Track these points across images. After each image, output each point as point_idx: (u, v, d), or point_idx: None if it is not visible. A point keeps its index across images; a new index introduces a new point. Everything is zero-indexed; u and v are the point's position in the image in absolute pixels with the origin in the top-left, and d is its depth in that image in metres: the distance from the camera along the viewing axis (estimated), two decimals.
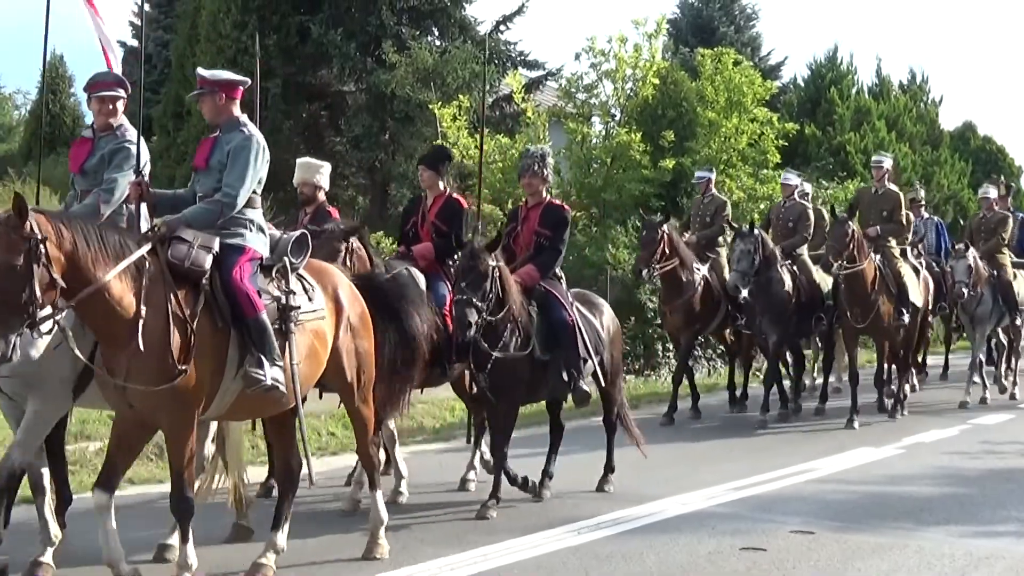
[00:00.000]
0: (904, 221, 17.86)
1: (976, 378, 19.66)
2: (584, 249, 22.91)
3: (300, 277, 8.85)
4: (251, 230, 8.61)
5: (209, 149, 8.77)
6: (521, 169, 12.14)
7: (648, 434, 13.23)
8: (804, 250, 17.72)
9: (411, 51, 27.26)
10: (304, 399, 8.93)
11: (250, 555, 8.95)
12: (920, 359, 21.07)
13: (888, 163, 18.15)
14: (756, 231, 16.56)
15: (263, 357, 8.17)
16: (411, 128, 28.47)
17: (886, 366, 17.85)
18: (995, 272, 19.40)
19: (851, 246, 16.12)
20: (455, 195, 12.49)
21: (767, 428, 16.49)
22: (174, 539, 8.97)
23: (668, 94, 25.74)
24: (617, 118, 26.47)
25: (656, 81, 25.65)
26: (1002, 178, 26.38)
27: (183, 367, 7.80)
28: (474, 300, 10.26)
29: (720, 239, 18.29)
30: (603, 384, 11.92)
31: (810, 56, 69.37)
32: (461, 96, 25.42)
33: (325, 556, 9.49)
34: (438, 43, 29.88)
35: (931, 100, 42.05)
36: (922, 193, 22.61)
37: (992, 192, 20.61)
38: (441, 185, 12.36)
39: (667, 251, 16.71)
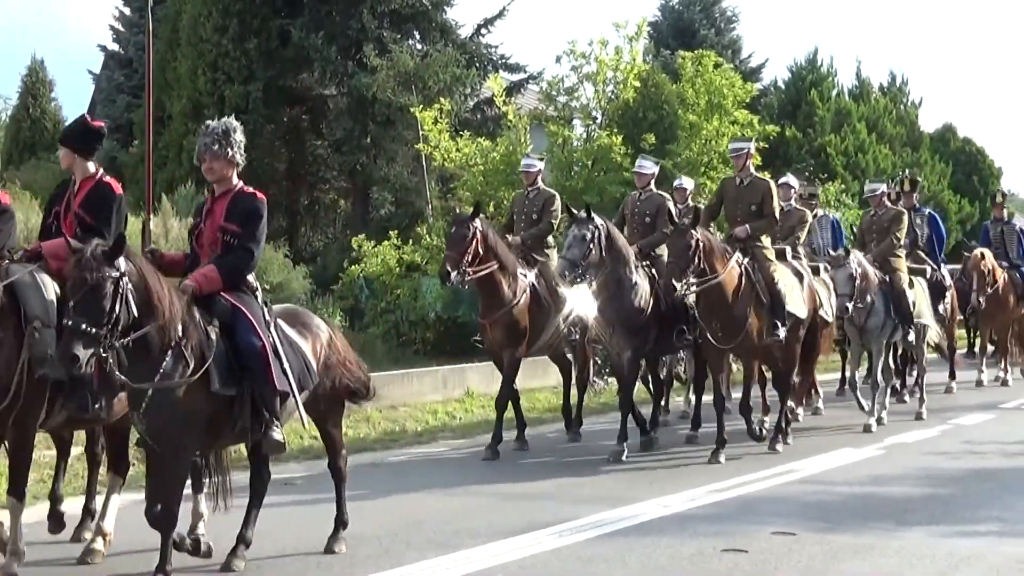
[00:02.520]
0: (776, 214, 14.76)
1: (878, 399, 16.76)
2: None
3: None
4: None
5: None
6: (198, 151, 9.35)
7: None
8: (664, 250, 14.48)
9: (392, 55, 27.29)
10: None
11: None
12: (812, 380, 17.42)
13: (750, 147, 15.31)
14: (598, 218, 14.00)
15: None
16: (392, 131, 28.53)
17: (783, 386, 15.23)
18: (887, 278, 16.89)
19: (697, 259, 13.31)
20: (106, 179, 9.93)
21: (623, 462, 13.83)
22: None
23: (649, 97, 25.78)
24: (598, 121, 26.51)
25: (637, 84, 25.70)
26: (906, 172, 25.44)
27: None
28: (83, 327, 7.78)
29: (550, 239, 15.91)
30: (307, 422, 9.68)
31: (790, 58, 69.47)
32: (442, 99, 25.44)
33: (307, 559, 9.49)
34: (419, 47, 29.93)
35: (911, 102, 42.16)
36: (819, 188, 21.39)
37: (880, 187, 18.46)
38: (91, 167, 9.83)
39: (481, 252, 14.24)
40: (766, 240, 14.65)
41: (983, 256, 21.11)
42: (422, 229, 24.68)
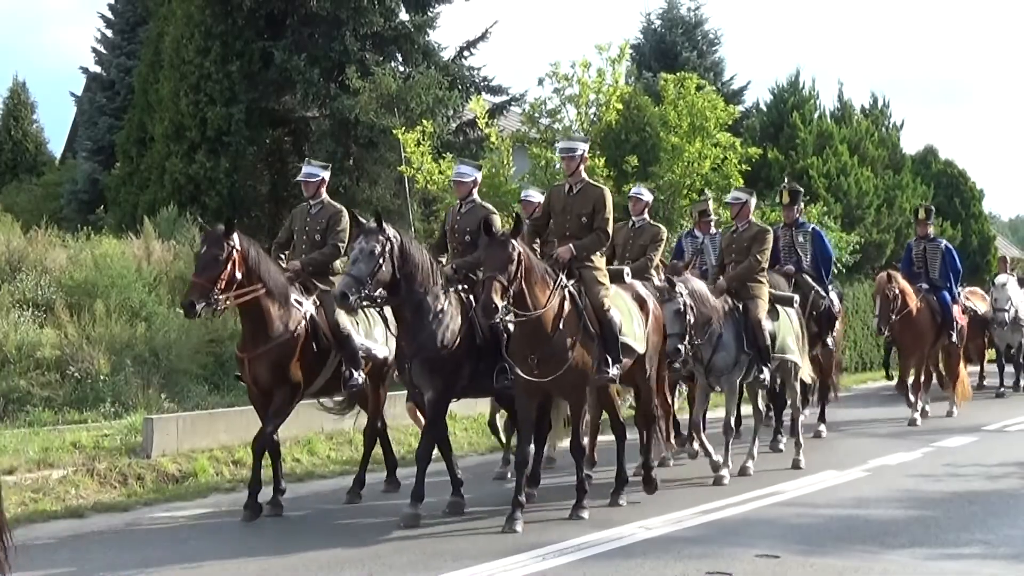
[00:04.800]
0: (608, 228, 12.36)
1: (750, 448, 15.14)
2: None
3: None
4: None
5: None
6: None
7: (606, 457, 13.25)
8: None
9: (375, 77, 27.26)
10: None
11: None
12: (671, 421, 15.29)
13: (583, 148, 12.87)
14: (390, 229, 11.92)
15: None
16: (375, 154, 28.49)
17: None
18: (740, 306, 14.54)
19: (516, 274, 11.06)
20: None
21: (421, 527, 11.67)
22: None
23: (631, 119, 25.79)
24: None
25: (619, 106, 25.71)
26: (785, 181, 22.33)
27: None
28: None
29: (338, 264, 13.60)
30: None
31: (772, 81, 69.82)
32: (425, 121, 25.44)
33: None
34: (402, 69, 29.90)
35: (892, 124, 42.28)
36: (711, 204, 18.67)
37: (745, 197, 15.81)
38: None
39: (239, 275, 11.92)
40: (598, 259, 12.40)
41: (890, 278, 19.54)
42: None
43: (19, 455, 13.78)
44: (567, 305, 11.63)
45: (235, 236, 11.88)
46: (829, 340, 18.12)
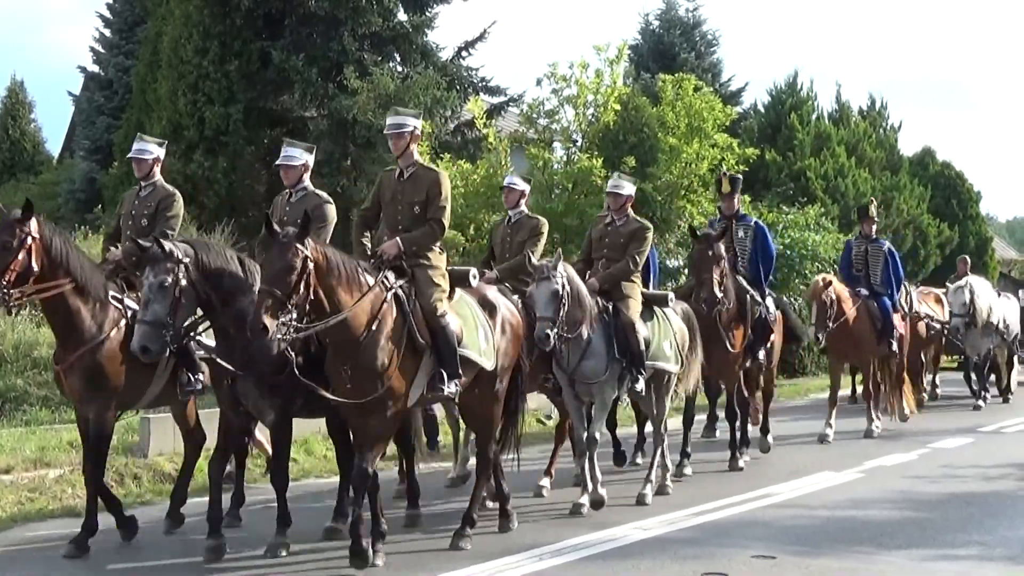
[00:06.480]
0: (443, 218, 10.55)
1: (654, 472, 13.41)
2: None
3: None
4: None
5: None
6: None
7: (603, 459, 13.26)
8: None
9: (373, 77, 27.26)
10: None
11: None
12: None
13: (414, 125, 10.77)
14: (177, 248, 10.13)
15: None
16: (373, 154, 28.45)
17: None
18: (611, 307, 12.61)
19: (299, 283, 9.20)
20: None
21: (282, 557, 10.38)
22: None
23: (629, 120, 25.79)
24: (578, 143, 26.51)
25: (617, 107, 25.71)
26: (724, 169, 20.31)
27: None
28: None
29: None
30: None
31: (770, 82, 69.84)
32: (423, 122, 25.40)
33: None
34: (400, 69, 29.92)
35: (890, 126, 42.32)
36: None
37: (626, 186, 13.67)
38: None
39: (38, 267, 10.23)
40: (436, 256, 10.57)
41: (825, 283, 17.69)
42: None
43: (16, 454, 13.79)
44: (387, 308, 9.87)
45: (32, 223, 10.15)
46: (761, 353, 15.64)
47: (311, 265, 9.26)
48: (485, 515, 11.65)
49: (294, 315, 9.14)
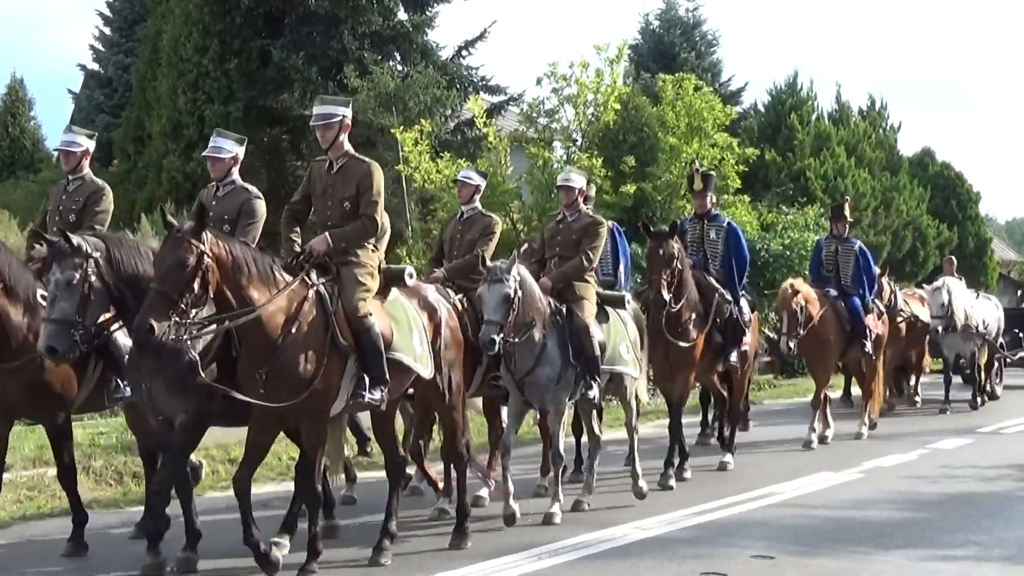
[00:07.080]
0: (376, 213, 9.99)
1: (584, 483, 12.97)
2: None
3: None
4: None
5: None
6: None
7: (604, 459, 13.24)
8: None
9: (373, 76, 27.29)
10: None
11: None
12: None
13: (342, 114, 10.29)
14: (86, 243, 9.42)
15: None
16: (373, 152, 28.31)
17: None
18: (564, 308, 11.96)
19: (192, 281, 8.63)
20: None
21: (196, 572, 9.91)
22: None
23: (629, 119, 25.82)
24: (578, 143, 26.55)
25: (617, 106, 25.74)
26: (696, 164, 19.23)
27: None
28: None
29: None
30: None
31: (770, 82, 69.82)
32: (423, 120, 25.46)
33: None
34: (400, 68, 29.96)
35: (890, 126, 42.36)
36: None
37: (577, 179, 13.04)
38: None
39: None
40: (366, 254, 9.97)
41: (794, 291, 16.92)
42: (402, 250, 24.67)
43: (15, 453, 13.74)
44: (308, 308, 9.30)
45: None
46: (733, 356, 14.96)
47: (208, 261, 8.65)
48: (486, 515, 11.66)
49: (193, 314, 8.66)
